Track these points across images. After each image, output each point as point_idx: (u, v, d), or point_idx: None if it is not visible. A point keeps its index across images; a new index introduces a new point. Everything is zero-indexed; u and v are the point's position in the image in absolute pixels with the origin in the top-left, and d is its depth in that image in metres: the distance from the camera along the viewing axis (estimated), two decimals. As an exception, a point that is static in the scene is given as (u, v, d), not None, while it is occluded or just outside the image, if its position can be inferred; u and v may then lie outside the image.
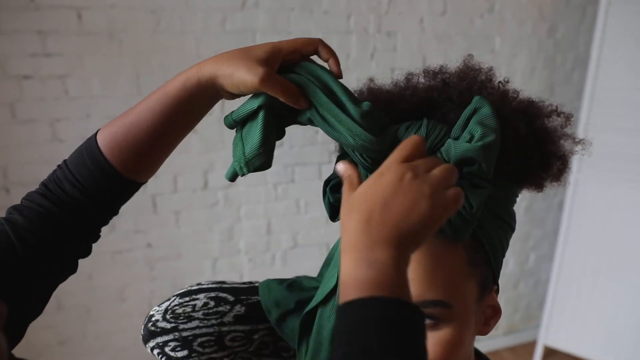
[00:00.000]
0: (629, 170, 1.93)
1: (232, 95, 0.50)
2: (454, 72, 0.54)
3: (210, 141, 1.67)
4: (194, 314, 0.56)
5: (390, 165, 0.40)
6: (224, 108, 1.65)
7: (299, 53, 0.50)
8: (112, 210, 0.53)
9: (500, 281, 2.24)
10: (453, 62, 0.55)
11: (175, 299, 0.59)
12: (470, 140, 0.45)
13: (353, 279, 0.37)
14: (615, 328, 2.12)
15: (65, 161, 0.52)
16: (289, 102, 0.47)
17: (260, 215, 1.80)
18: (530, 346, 2.46)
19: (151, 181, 1.60)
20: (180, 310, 0.57)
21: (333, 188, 0.51)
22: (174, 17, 1.52)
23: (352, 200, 0.40)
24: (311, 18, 1.65)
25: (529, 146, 0.49)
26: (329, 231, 1.92)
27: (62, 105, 1.49)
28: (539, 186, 0.54)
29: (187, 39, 1.55)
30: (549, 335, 2.30)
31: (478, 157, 0.44)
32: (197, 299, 0.58)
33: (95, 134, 0.51)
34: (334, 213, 0.52)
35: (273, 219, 1.83)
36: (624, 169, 1.95)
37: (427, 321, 0.46)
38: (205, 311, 0.57)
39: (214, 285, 0.60)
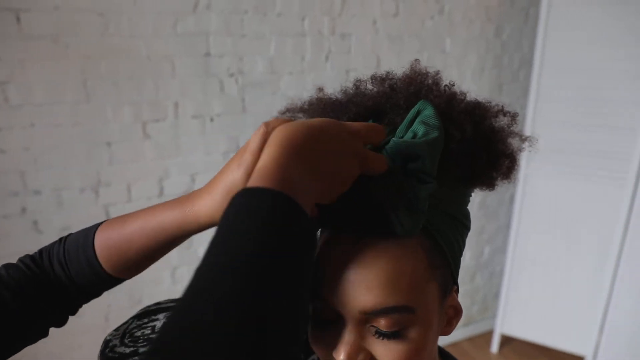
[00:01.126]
0: (574, 163, 2.04)
1: None
2: (401, 77, 0.54)
3: (165, 147, 1.62)
4: (153, 336, 0.54)
5: (340, 125, 0.41)
6: (177, 112, 1.61)
7: None
8: (94, 296, 0.54)
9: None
10: (406, 63, 0.56)
11: (132, 321, 0.57)
12: (414, 138, 0.46)
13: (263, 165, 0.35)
14: (565, 313, 2.24)
15: (66, 239, 0.53)
16: None
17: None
18: (487, 335, 2.55)
19: (104, 191, 1.55)
20: (139, 333, 0.55)
21: None
22: (122, 20, 1.47)
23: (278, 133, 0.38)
24: (265, 20, 1.64)
25: (478, 146, 0.50)
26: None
27: (2, 113, 1.41)
28: (490, 185, 0.55)
29: (137, 42, 1.50)
30: (505, 324, 2.40)
31: (422, 152, 0.45)
32: (157, 319, 0.56)
33: (96, 229, 0.52)
34: None
35: (233, 224, 1.80)
36: (568, 162, 2.05)
37: (391, 329, 0.46)
38: None
39: (172, 304, 0.59)
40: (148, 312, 0.57)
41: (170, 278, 1.75)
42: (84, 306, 1.74)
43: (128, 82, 1.52)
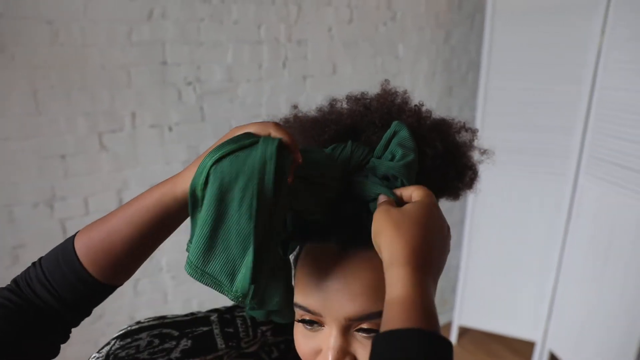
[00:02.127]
0: (520, 161, 2.16)
1: None
2: (373, 97, 0.58)
3: (123, 158, 1.59)
4: (139, 356, 0.54)
5: (436, 204, 0.47)
6: (135, 122, 1.58)
7: None
8: (85, 313, 0.51)
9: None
10: (361, 68, 0.60)
11: (115, 342, 0.56)
12: (392, 159, 0.50)
13: (411, 300, 0.39)
14: (516, 303, 2.37)
15: (40, 260, 0.49)
16: None
17: (181, 230, 1.75)
18: (446, 327, 2.66)
19: (59, 205, 1.50)
20: (123, 354, 0.54)
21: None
22: (73, 29, 1.42)
23: (395, 216, 0.44)
24: (222, 28, 1.64)
25: (446, 161, 0.55)
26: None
27: (-54, 128, 1.33)
28: (455, 196, 0.60)
29: (90, 51, 1.46)
30: (462, 316, 2.51)
31: (400, 174, 0.49)
32: (140, 338, 0.56)
33: (73, 237, 0.49)
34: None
35: (195, 233, 1.79)
36: (515, 160, 2.17)
37: (371, 335, 0.49)
38: (151, 350, 0.55)
39: (155, 322, 0.59)
40: (130, 332, 0.57)
41: (132, 291, 1.71)
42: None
43: (81, 93, 1.48)
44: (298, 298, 0.51)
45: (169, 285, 1.78)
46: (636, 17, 1.74)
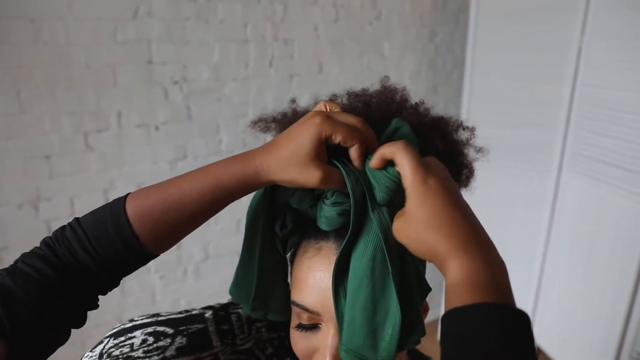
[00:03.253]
0: (504, 158, 2.19)
1: None
2: (374, 93, 0.58)
3: (109, 158, 1.58)
4: (133, 354, 0.54)
5: (423, 172, 0.43)
6: (121, 122, 1.57)
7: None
8: (117, 282, 0.49)
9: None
10: (348, 67, 0.60)
11: (109, 340, 0.55)
12: None
13: (468, 279, 0.38)
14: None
15: (78, 221, 0.46)
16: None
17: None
18: (434, 324, 2.68)
19: (44, 206, 1.49)
20: (117, 352, 0.54)
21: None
22: (57, 27, 1.41)
23: (417, 216, 0.42)
24: (208, 27, 1.63)
25: (446, 159, 0.54)
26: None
27: None
28: None
29: (74, 50, 1.45)
30: (449, 312, 2.53)
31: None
32: (134, 336, 0.56)
33: (124, 201, 0.46)
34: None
35: (183, 233, 1.78)
36: (499, 157, 2.20)
37: None
38: (145, 348, 0.55)
39: (149, 320, 0.58)
40: (124, 330, 0.56)
41: (119, 291, 1.70)
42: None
43: (66, 92, 1.46)
44: (296, 296, 0.51)
45: (157, 285, 1.77)
46: (614, 17, 1.78)
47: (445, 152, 0.55)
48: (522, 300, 2.35)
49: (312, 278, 0.50)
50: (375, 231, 0.45)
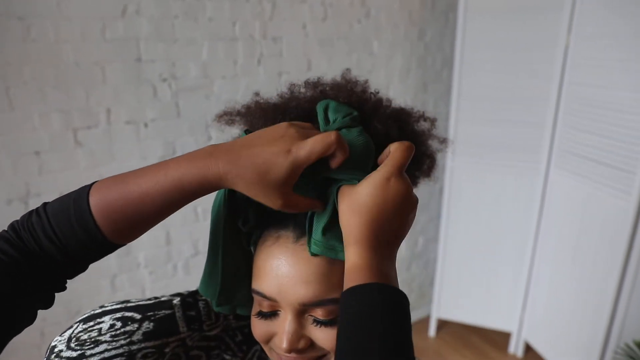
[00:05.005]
0: (493, 155, 2.21)
1: None
2: (330, 83, 0.60)
3: (98, 155, 1.59)
4: (100, 338, 0.55)
5: (396, 173, 0.48)
6: (110, 118, 1.59)
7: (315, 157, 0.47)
8: (84, 267, 0.50)
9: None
10: (336, 65, 0.62)
11: (78, 325, 0.57)
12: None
13: (364, 264, 0.45)
14: (492, 295, 2.42)
15: (44, 207, 0.46)
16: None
17: (158, 226, 1.76)
18: (425, 321, 2.70)
19: (34, 202, 1.51)
20: (85, 336, 0.55)
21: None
22: (46, 25, 1.43)
23: (358, 198, 0.47)
24: (196, 25, 1.65)
25: None
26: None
27: None
28: (413, 183, 0.62)
29: (63, 48, 1.47)
30: (441, 309, 2.55)
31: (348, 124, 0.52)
32: (102, 322, 0.57)
33: (88, 192, 0.46)
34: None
35: (172, 229, 1.80)
36: (488, 155, 2.22)
37: (328, 318, 0.51)
38: (113, 333, 0.56)
39: (118, 306, 0.59)
40: (93, 316, 0.57)
41: (110, 287, 1.72)
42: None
43: (55, 89, 1.48)
44: (255, 284, 0.53)
45: (147, 281, 1.79)
46: (600, 16, 1.80)
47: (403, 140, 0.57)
48: (513, 296, 2.37)
49: (270, 266, 0.52)
50: None
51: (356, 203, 0.47)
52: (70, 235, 0.45)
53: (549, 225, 2.15)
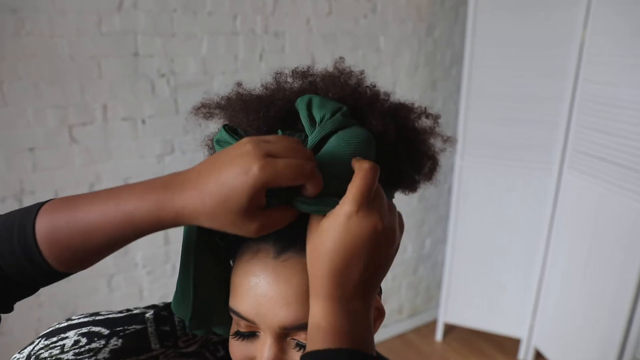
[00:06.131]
0: (503, 155, 2.14)
1: None
2: (324, 74, 0.53)
3: (94, 152, 1.56)
4: (62, 357, 0.50)
5: (358, 209, 0.40)
6: (106, 115, 1.55)
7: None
8: (31, 292, 0.45)
9: (400, 268, 2.33)
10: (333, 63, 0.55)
11: (40, 341, 0.52)
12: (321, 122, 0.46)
13: (328, 326, 0.41)
14: (501, 300, 2.34)
15: None
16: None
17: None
18: (432, 325, 2.63)
19: (28, 199, 1.47)
20: (46, 354, 0.50)
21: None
22: (40, 19, 1.39)
23: (319, 242, 0.41)
24: (196, 19, 1.61)
25: (401, 147, 0.50)
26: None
27: None
28: (413, 188, 0.55)
29: (58, 42, 1.43)
30: (448, 313, 2.48)
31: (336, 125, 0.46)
32: (67, 337, 0.52)
33: (37, 212, 0.41)
34: None
35: (171, 229, 1.76)
36: (499, 154, 2.15)
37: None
38: (77, 350, 0.51)
39: (85, 319, 0.55)
40: (58, 330, 0.53)
41: (106, 287, 1.69)
42: (12, 323, 1.65)
43: (50, 84, 1.45)
44: (232, 302, 0.48)
45: (145, 281, 1.75)
46: (617, 11, 1.72)
47: (403, 139, 0.51)
48: (523, 301, 2.29)
49: (247, 284, 0.46)
50: None
51: (317, 247, 0.41)
52: (11, 261, 0.40)
53: (562, 228, 2.07)
